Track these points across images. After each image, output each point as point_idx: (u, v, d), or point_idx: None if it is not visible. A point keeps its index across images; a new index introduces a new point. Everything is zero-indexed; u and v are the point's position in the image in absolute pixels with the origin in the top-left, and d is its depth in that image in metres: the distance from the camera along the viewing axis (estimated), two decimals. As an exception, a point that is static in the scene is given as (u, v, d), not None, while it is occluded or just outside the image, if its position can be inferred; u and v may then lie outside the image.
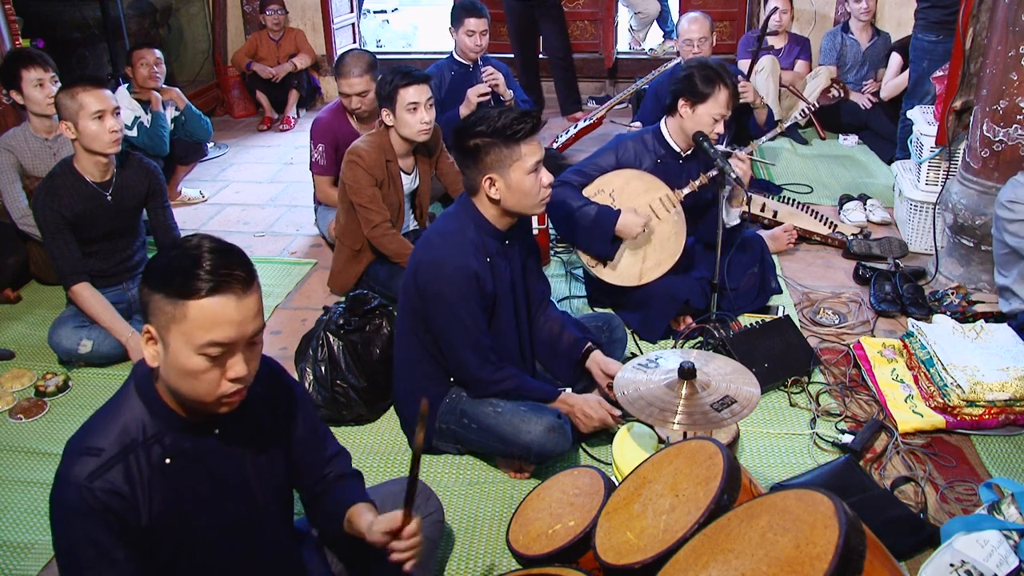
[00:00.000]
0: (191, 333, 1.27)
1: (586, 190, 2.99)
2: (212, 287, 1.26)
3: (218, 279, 1.27)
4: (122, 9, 5.44)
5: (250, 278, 1.31)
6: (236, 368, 1.31)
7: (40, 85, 3.38)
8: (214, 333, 1.27)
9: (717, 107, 2.85)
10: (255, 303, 1.32)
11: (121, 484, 1.32)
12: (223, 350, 1.29)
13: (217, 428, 1.43)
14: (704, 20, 4.14)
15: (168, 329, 1.28)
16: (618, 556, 1.39)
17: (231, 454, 1.46)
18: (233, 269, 1.29)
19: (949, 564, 1.78)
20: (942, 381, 2.49)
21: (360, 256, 3.29)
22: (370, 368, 2.59)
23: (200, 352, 1.28)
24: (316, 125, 3.75)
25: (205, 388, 1.31)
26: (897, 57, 5.02)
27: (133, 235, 3.10)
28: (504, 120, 2.09)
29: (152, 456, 1.36)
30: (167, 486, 1.37)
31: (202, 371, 1.29)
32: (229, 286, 1.27)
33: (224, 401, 1.34)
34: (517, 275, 2.34)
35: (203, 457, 1.42)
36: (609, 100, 5.29)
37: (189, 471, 1.40)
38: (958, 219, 3.20)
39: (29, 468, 2.46)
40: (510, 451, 2.27)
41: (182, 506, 1.39)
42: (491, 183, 2.15)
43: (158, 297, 1.28)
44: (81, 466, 1.31)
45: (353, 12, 6.87)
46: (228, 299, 1.27)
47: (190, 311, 1.26)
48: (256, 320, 1.33)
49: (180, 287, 1.26)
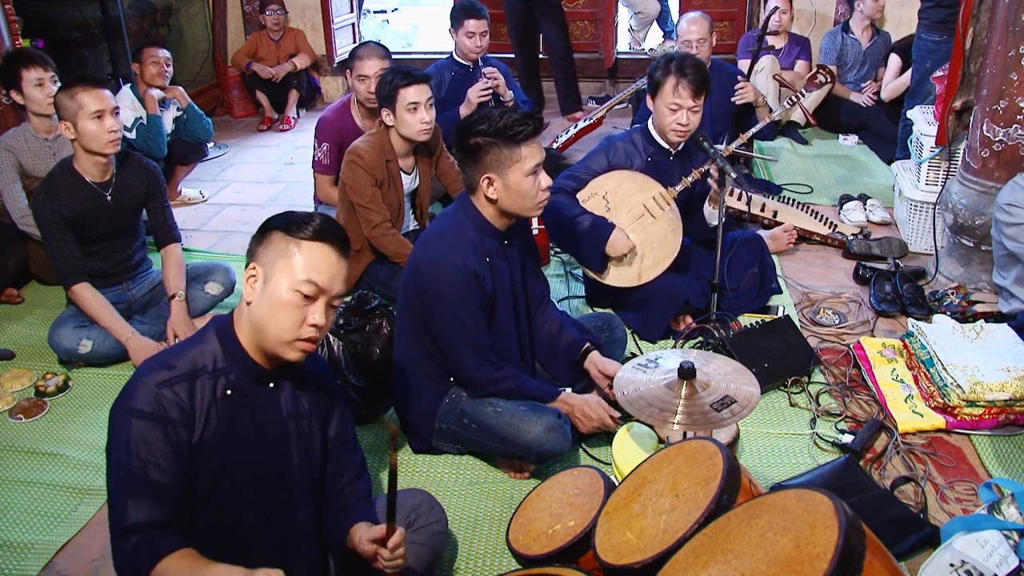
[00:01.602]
0: (295, 269, 1.49)
1: (580, 194, 2.99)
2: (323, 234, 1.52)
3: (328, 230, 1.53)
4: (122, 9, 5.44)
5: (347, 247, 1.58)
6: (317, 315, 1.51)
7: (40, 85, 3.38)
8: (312, 273, 1.50)
9: (670, 95, 2.86)
10: (346, 268, 1.57)
11: (185, 398, 1.49)
12: (314, 291, 1.50)
13: (273, 382, 1.60)
14: (704, 20, 4.13)
15: (275, 264, 1.50)
16: (618, 556, 1.39)
17: (278, 411, 1.62)
18: (339, 231, 1.56)
19: (949, 564, 1.78)
20: (942, 381, 2.49)
21: (360, 256, 3.29)
22: (370, 368, 2.59)
23: (296, 288, 1.49)
24: (321, 124, 3.74)
25: (289, 323, 1.49)
26: (896, 58, 5.02)
27: (133, 235, 3.10)
28: (506, 120, 2.10)
29: (217, 384, 1.53)
30: (222, 415, 1.53)
31: (292, 307, 1.49)
32: (335, 240, 1.54)
33: (298, 345, 1.51)
34: (516, 275, 2.34)
35: (257, 402, 1.58)
36: (609, 100, 5.29)
37: (243, 410, 1.56)
38: (958, 219, 3.20)
39: (29, 468, 2.46)
40: (510, 451, 2.27)
41: (230, 438, 1.54)
42: (489, 183, 2.15)
43: (277, 235, 1.52)
44: (154, 374, 1.49)
45: (353, 12, 6.87)
46: (331, 250, 1.53)
47: (302, 248, 1.50)
48: (342, 283, 1.56)
49: (298, 228, 1.51)
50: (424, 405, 2.37)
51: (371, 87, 3.48)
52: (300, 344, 1.52)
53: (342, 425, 1.75)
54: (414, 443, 2.46)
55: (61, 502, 2.31)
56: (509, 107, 2.19)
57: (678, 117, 2.88)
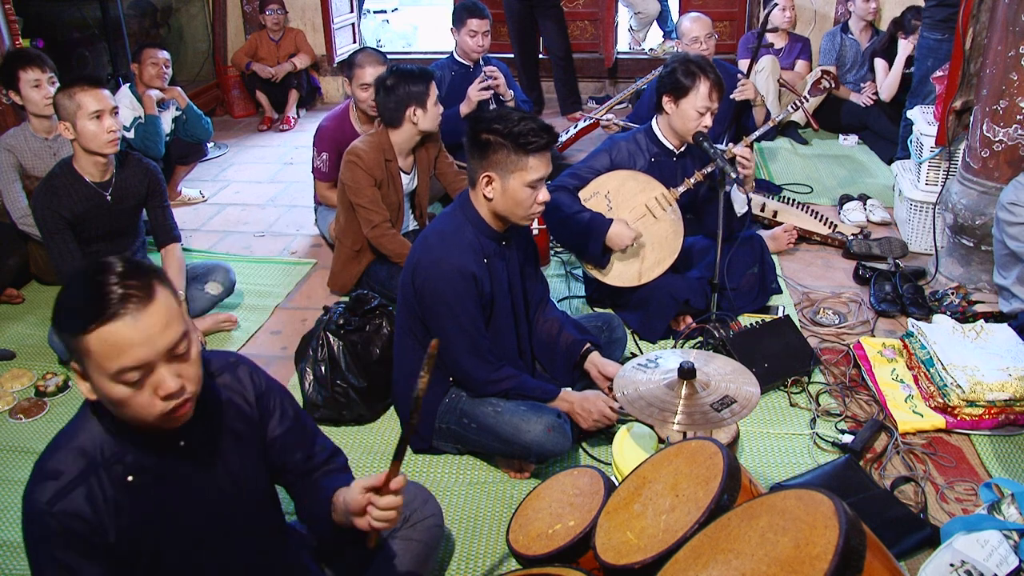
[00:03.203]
0: (100, 365, 1.21)
1: (582, 193, 2.99)
2: (98, 318, 1.18)
3: (101, 306, 1.19)
4: (122, 9, 5.44)
5: (145, 291, 1.22)
6: (164, 385, 1.24)
7: (37, 86, 3.38)
8: (121, 360, 1.20)
9: (699, 100, 2.85)
10: (160, 315, 1.22)
11: (83, 505, 1.29)
12: (140, 373, 1.22)
13: (182, 440, 1.38)
14: (706, 19, 4.15)
15: (84, 365, 1.24)
16: (618, 556, 1.39)
17: (199, 465, 1.41)
18: (118, 290, 1.20)
19: (949, 564, 1.78)
20: (942, 381, 2.49)
21: (360, 256, 3.29)
22: (370, 368, 2.59)
23: (117, 381, 1.22)
24: (320, 133, 3.74)
25: (141, 412, 1.25)
26: (880, 61, 5.06)
27: (133, 235, 3.10)
28: (522, 127, 2.08)
29: (113, 476, 1.32)
30: (133, 503, 1.33)
31: (130, 397, 1.23)
32: (117, 310, 1.19)
33: (170, 419, 1.28)
34: (515, 276, 2.34)
35: (169, 473, 1.37)
36: (609, 100, 5.29)
37: (155, 487, 1.36)
38: (958, 219, 3.20)
39: (29, 468, 2.43)
40: (510, 451, 2.27)
41: (152, 521, 1.36)
42: (489, 181, 2.14)
43: (65, 337, 1.24)
44: (42, 491, 1.29)
45: (353, 12, 6.88)
46: (121, 323, 1.19)
47: (90, 344, 1.20)
48: (168, 331, 1.23)
49: (70, 325, 1.21)
50: (423, 405, 2.37)
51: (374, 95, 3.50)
52: (171, 418, 1.28)
53: (285, 421, 1.56)
54: (414, 443, 2.46)
55: (61, 502, 2.31)
56: (528, 113, 2.16)
57: (705, 120, 2.87)
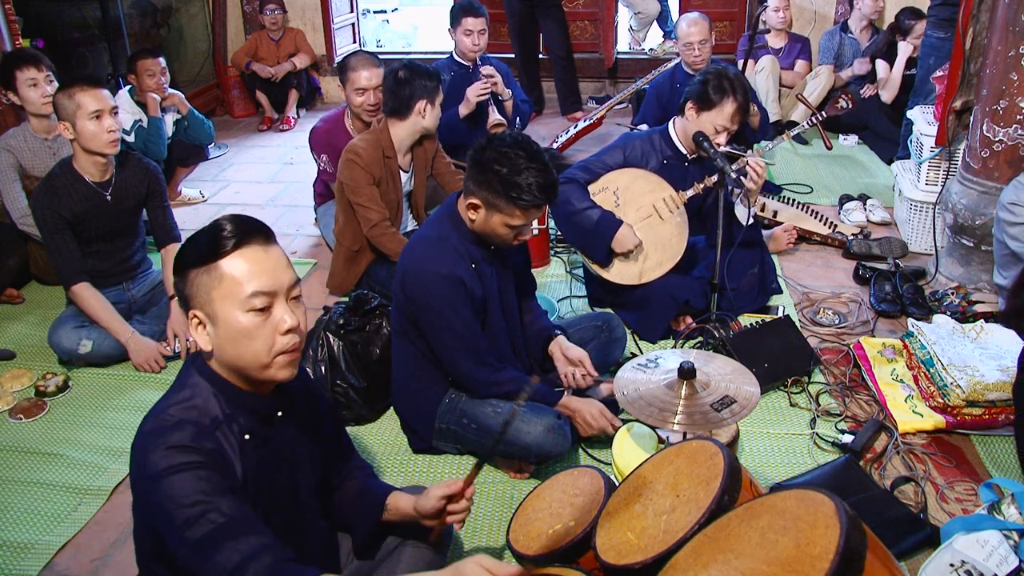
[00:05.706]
0: (232, 291, 1.34)
1: (591, 187, 3.00)
2: (236, 242, 1.35)
3: (239, 234, 1.36)
4: (122, 9, 5.44)
5: (269, 233, 1.41)
6: (285, 318, 1.37)
7: (34, 85, 3.37)
8: (253, 283, 1.34)
9: (721, 118, 2.85)
10: (281, 255, 1.41)
11: (222, 445, 1.37)
12: (267, 300, 1.36)
13: (280, 410, 1.50)
14: (703, 21, 4.13)
15: (211, 300, 1.35)
16: (618, 556, 1.39)
17: (292, 438, 1.53)
18: (248, 225, 1.39)
19: (949, 564, 1.78)
20: (942, 381, 2.49)
21: (359, 256, 3.28)
22: (370, 368, 2.59)
23: (247, 308, 1.34)
24: (314, 135, 3.72)
25: (262, 345, 1.36)
26: (882, 63, 5.06)
27: (133, 235, 3.10)
28: (523, 180, 2.04)
29: (234, 430, 1.41)
30: (250, 459, 1.42)
31: (255, 328, 1.35)
32: (251, 238, 1.37)
33: (282, 360, 1.38)
34: (506, 281, 2.34)
35: (271, 439, 1.48)
36: (609, 100, 5.29)
37: (263, 449, 1.46)
38: (958, 219, 3.19)
39: (29, 468, 2.46)
40: (510, 451, 2.27)
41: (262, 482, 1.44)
42: (474, 208, 2.14)
43: (194, 273, 1.36)
44: (182, 432, 1.33)
45: (353, 12, 6.87)
46: (254, 249, 1.36)
47: (224, 269, 1.34)
48: (288, 271, 1.41)
49: (208, 251, 1.35)
50: (423, 405, 2.37)
51: (370, 99, 3.48)
52: (283, 358, 1.39)
53: (333, 419, 1.74)
54: (414, 443, 2.46)
55: (61, 502, 2.31)
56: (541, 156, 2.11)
57: (719, 138, 2.87)
